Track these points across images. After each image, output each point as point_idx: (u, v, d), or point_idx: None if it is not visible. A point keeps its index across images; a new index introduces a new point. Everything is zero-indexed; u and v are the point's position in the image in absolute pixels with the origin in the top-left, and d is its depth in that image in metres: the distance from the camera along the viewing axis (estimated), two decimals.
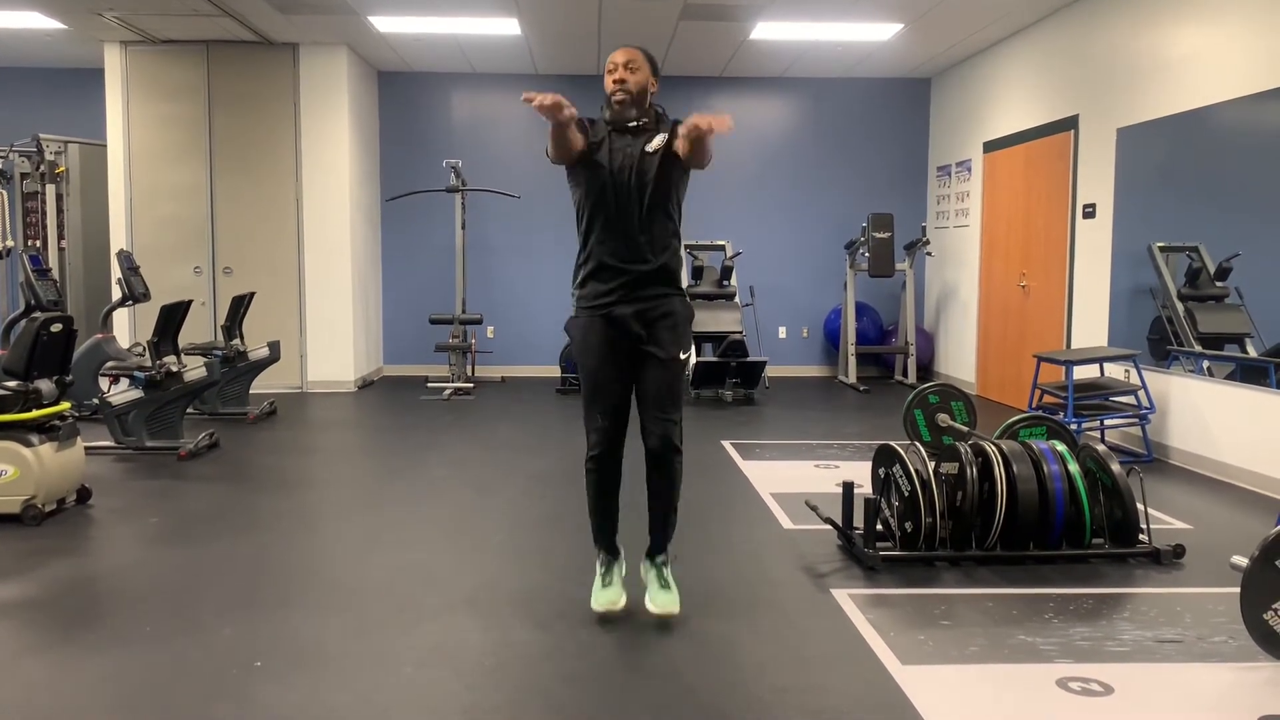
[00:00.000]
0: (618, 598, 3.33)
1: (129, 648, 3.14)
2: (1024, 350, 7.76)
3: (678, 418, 3.27)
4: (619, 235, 3.26)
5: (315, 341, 8.97)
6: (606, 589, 3.35)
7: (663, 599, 3.28)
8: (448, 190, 9.13)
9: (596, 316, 3.28)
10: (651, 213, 3.26)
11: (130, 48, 8.65)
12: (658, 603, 3.28)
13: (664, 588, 3.31)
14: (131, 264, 7.30)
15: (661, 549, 3.39)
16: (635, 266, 3.26)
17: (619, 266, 3.26)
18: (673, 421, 3.25)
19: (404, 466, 5.98)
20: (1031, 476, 3.95)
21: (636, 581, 3.47)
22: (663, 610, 3.26)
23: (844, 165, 10.17)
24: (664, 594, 3.29)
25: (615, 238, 3.26)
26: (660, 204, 3.28)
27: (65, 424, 4.75)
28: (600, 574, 3.40)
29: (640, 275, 3.27)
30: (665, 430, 3.24)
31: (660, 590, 3.31)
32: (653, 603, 3.29)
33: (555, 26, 8.06)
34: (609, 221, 3.26)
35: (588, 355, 3.31)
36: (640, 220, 3.25)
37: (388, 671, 2.95)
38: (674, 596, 3.29)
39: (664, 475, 3.29)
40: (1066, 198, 7.26)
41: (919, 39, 8.39)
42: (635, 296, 3.26)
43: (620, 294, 3.26)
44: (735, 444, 6.53)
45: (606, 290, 3.27)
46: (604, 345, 3.27)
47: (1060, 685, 2.85)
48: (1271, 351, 5.32)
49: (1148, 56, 6.28)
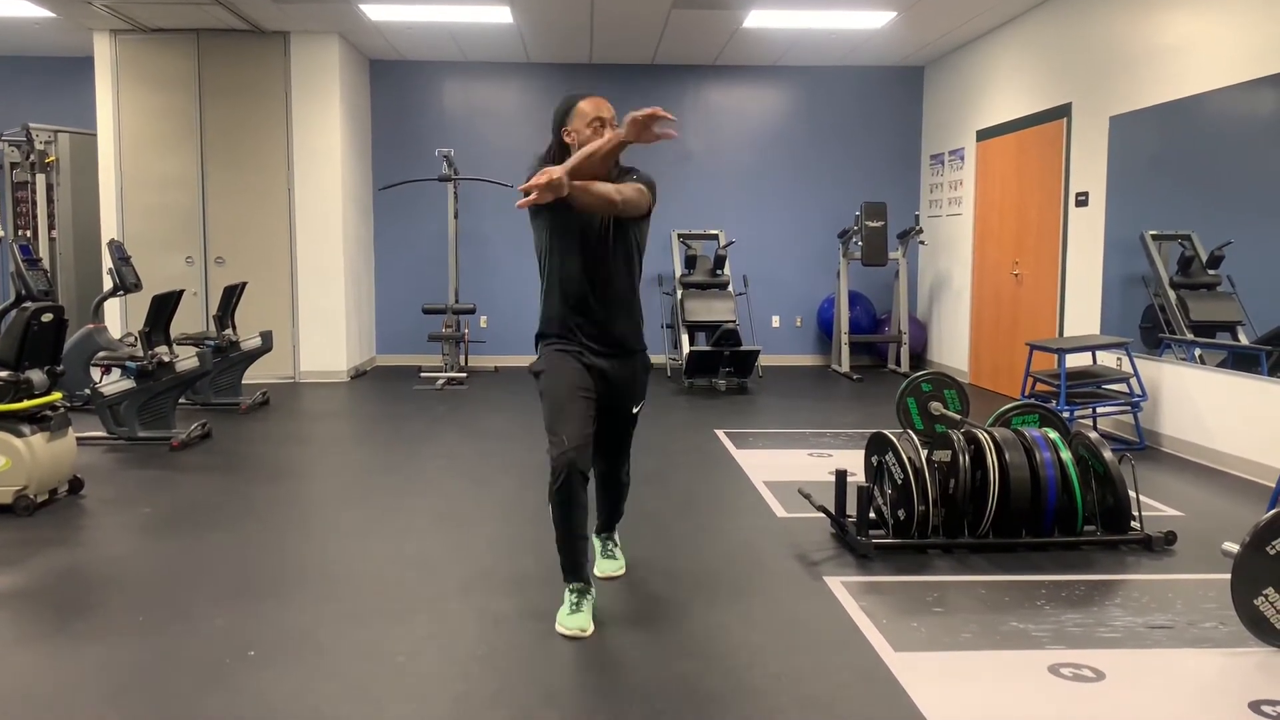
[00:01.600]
0: (587, 624, 3.14)
1: (122, 637, 3.13)
2: (1016, 338, 7.78)
3: (626, 463, 3.56)
4: (580, 287, 3.21)
5: (308, 331, 8.95)
6: (576, 614, 3.16)
7: (608, 565, 3.68)
8: (440, 179, 9.10)
9: (565, 356, 3.24)
10: (614, 265, 3.24)
11: (120, 36, 8.60)
12: (603, 568, 3.66)
13: (609, 558, 3.71)
14: (123, 254, 7.27)
15: (608, 528, 3.76)
16: (598, 319, 3.24)
17: (581, 319, 3.24)
18: (622, 463, 3.54)
19: (397, 457, 5.98)
20: (1024, 464, 3.96)
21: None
22: (604, 575, 3.63)
23: (837, 154, 10.16)
24: (608, 561, 3.70)
25: (580, 292, 3.22)
26: (624, 259, 3.26)
27: (57, 414, 4.74)
28: (570, 601, 3.20)
29: (602, 328, 3.25)
30: (615, 467, 3.53)
31: (604, 559, 3.70)
32: (596, 568, 3.63)
33: (547, 15, 8.03)
34: (570, 271, 3.21)
35: (556, 376, 3.19)
36: (604, 275, 3.22)
37: (380, 661, 2.95)
38: (616, 563, 3.69)
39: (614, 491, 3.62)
40: (1059, 186, 7.26)
41: (912, 27, 8.38)
42: (600, 351, 3.25)
43: (585, 344, 3.25)
44: (728, 433, 6.53)
45: (569, 340, 3.26)
46: (574, 370, 3.20)
47: (1052, 671, 2.87)
48: (1263, 339, 5.33)
49: (1140, 45, 6.27)
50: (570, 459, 3.03)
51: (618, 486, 3.59)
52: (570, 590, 3.21)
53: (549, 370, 3.23)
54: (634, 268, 3.32)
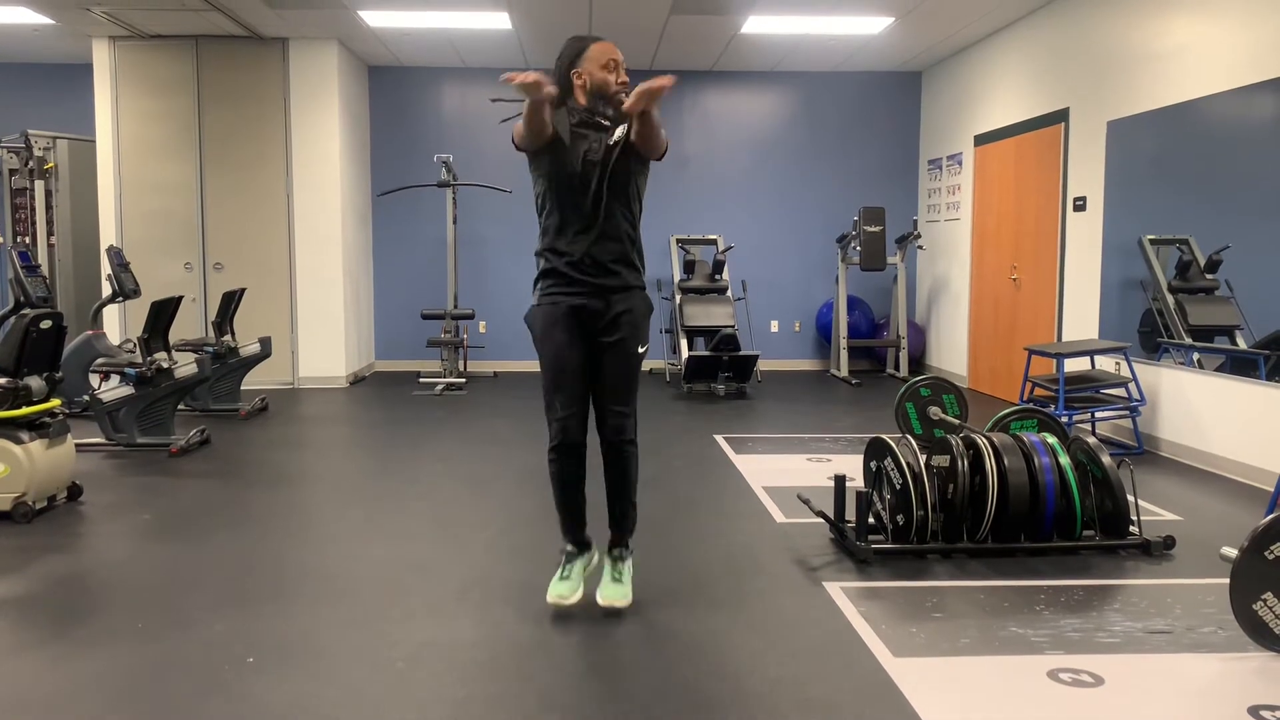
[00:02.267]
0: (569, 593, 3.30)
1: (121, 644, 3.13)
2: (1015, 343, 7.79)
3: (631, 410, 3.33)
4: (580, 227, 3.27)
5: (307, 337, 8.96)
6: (561, 582, 3.34)
7: (610, 592, 3.32)
8: (439, 185, 9.11)
9: (558, 306, 3.30)
10: (612, 205, 3.28)
11: (119, 43, 8.61)
12: (605, 595, 3.32)
13: (615, 581, 3.35)
14: (121, 260, 7.27)
15: (620, 542, 3.43)
16: (596, 259, 3.27)
17: (579, 258, 3.27)
18: (626, 414, 3.31)
19: (396, 462, 5.98)
20: (1022, 469, 3.97)
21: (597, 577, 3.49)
22: (608, 603, 3.29)
23: (835, 159, 10.17)
24: (613, 587, 3.33)
25: (576, 229, 3.28)
26: (620, 196, 3.30)
27: (55, 421, 4.74)
28: (561, 566, 3.39)
29: (600, 267, 3.28)
30: (619, 422, 3.29)
31: (611, 583, 3.35)
32: (601, 595, 3.32)
33: (546, 20, 8.04)
34: (570, 213, 3.28)
35: (548, 344, 3.31)
36: (601, 212, 3.26)
37: (379, 666, 2.95)
38: (623, 590, 3.33)
39: (618, 466, 3.33)
40: (1057, 191, 7.27)
41: (910, 32, 8.39)
42: (595, 288, 3.28)
43: (580, 286, 3.28)
44: (727, 438, 6.53)
45: (566, 281, 3.29)
46: (565, 334, 3.29)
47: (1051, 676, 2.87)
48: (1261, 344, 5.34)
49: (1138, 49, 6.29)
50: (564, 423, 3.27)
51: (623, 458, 3.31)
52: (562, 552, 3.42)
53: (541, 335, 3.33)
54: (633, 208, 3.35)
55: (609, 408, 3.30)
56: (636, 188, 3.36)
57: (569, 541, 3.43)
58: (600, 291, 3.29)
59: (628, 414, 3.31)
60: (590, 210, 3.26)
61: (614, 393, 3.29)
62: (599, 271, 3.29)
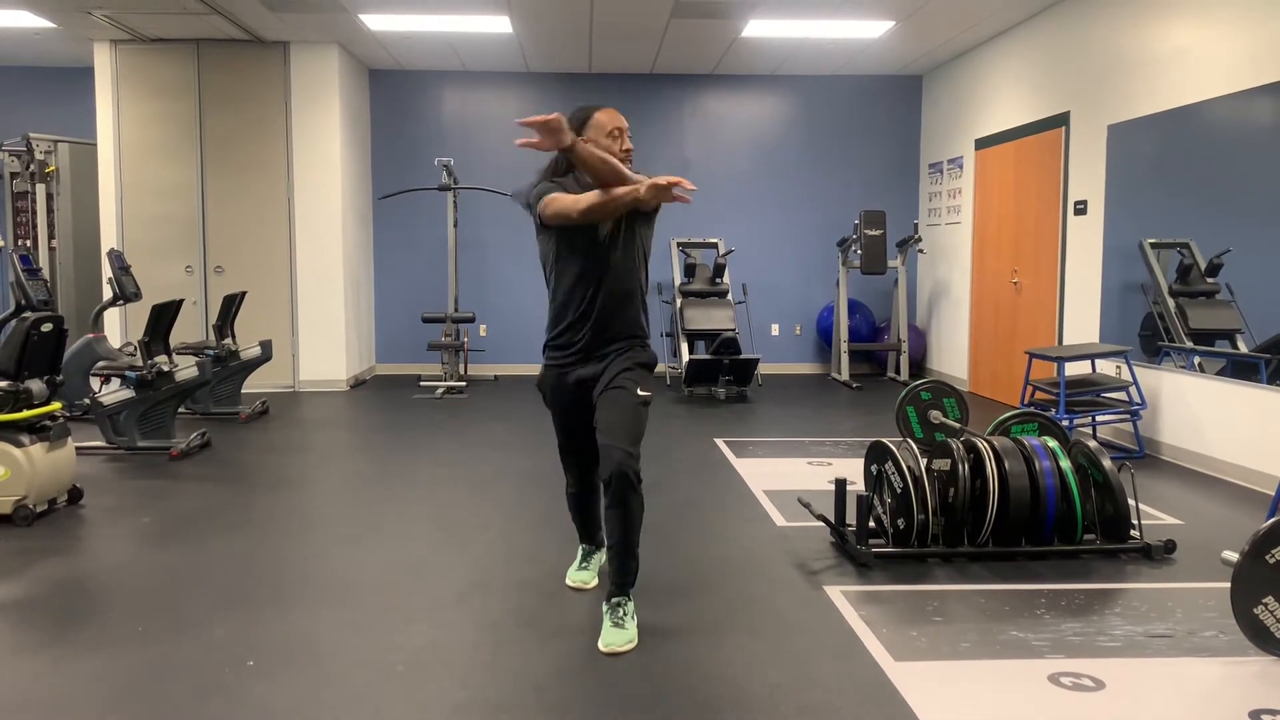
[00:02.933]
0: (590, 579, 3.69)
1: (121, 647, 3.13)
2: (1016, 346, 7.78)
3: (635, 452, 3.14)
4: (590, 294, 3.25)
5: (307, 340, 8.96)
6: (581, 570, 3.73)
7: (612, 638, 3.13)
8: (440, 188, 9.12)
9: (564, 377, 3.34)
10: (621, 273, 3.26)
11: (120, 46, 8.62)
12: (607, 642, 3.12)
13: (618, 627, 3.18)
14: (122, 263, 7.27)
15: (618, 594, 3.24)
16: (603, 325, 3.27)
17: (587, 326, 3.27)
18: (629, 454, 3.11)
19: (396, 466, 5.98)
20: (1023, 473, 3.96)
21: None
22: (609, 649, 3.10)
23: (836, 163, 10.18)
24: (616, 633, 3.15)
25: (586, 296, 3.26)
26: (630, 264, 3.28)
27: (56, 424, 4.74)
28: (580, 558, 3.78)
29: (607, 333, 3.28)
30: (619, 461, 3.09)
31: (612, 629, 3.17)
32: (603, 643, 3.13)
33: (547, 24, 8.05)
34: (580, 280, 3.25)
35: (556, 412, 3.46)
36: (610, 282, 3.25)
37: (380, 669, 2.95)
38: (627, 635, 3.15)
39: (618, 510, 3.13)
40: (1058, 194, 7.27)
41: (910, 36, 8.40)
42: (599, 355, 3.29)
43: (586, 352, 3.29)
44: (728, 441, 6.53)
45: (572, 348, 3.30)
46: (570, 406, 3.39)
47: (1052, 680, 2.86)
48: (1262, 347, 5.34)
49: (1138, 53, 6.29)
50: (576, 474, 3.57)
51: (624, 502, 3.11)
52: (581, 549, 3.79)
53: (551, 401, 3.46)
54: (640, 272, 3.34)
55: (609, 446, 3.13)
56: (644, 247, 3.35)
57: (585, 540, 3.77)
58: (606, 356, 3.29)
59: (630, 453, 3.11)
60: (605, 277, 3.24)
61: (612, 431, 3.14)
62: (607, 339, 3.28)
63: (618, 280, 3.26)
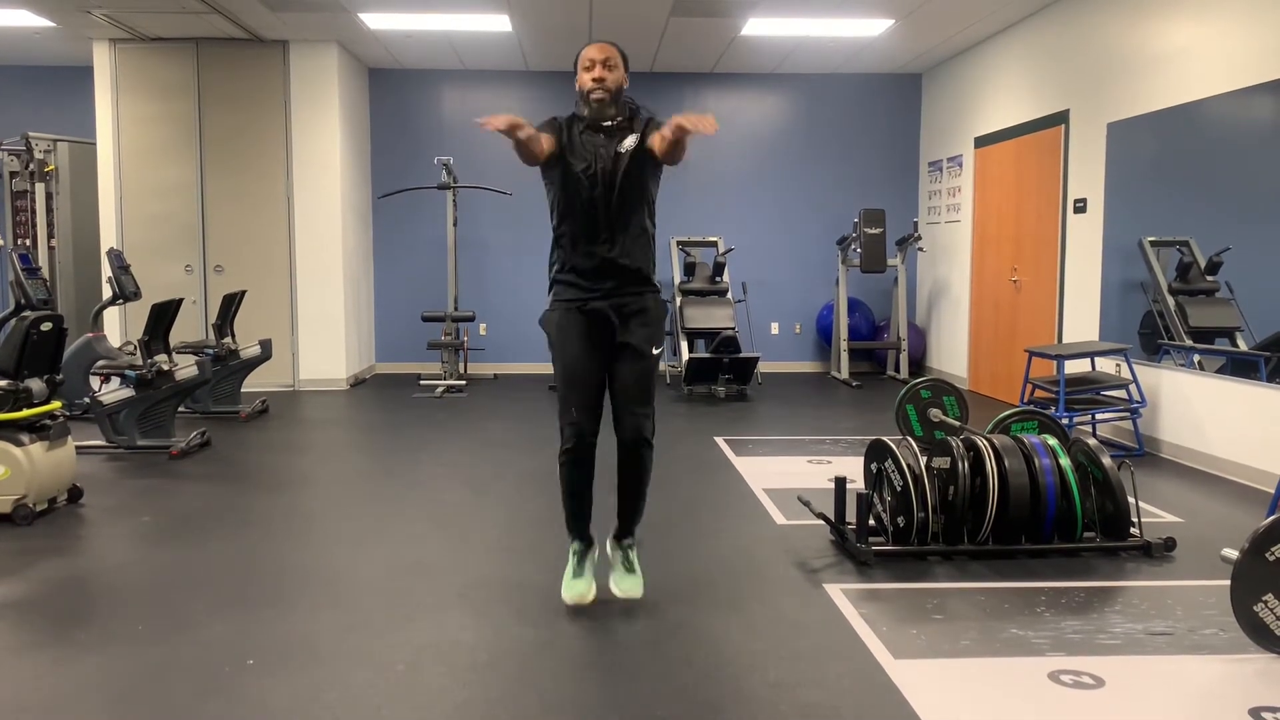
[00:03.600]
0: (587, 590, 3.40)
1: (121, 646, 3.13)
2: (1015, 345, 7.78)
3: (650, 412, 3.33)
4: (593, 234, 3.30)
5: (307, 339, 8.96)
6: (577, 580, 3.42)
7: (627, 583, 3.39)
8: (439, 187, 9.11)
9: (572, 310, 3.33)
10: (624, 211, 3.30)
11: (120, 45, 8.62)
12: (622, 587, 3.39)
13: (629, 571, 3.42)
14: (122, 262, 7.27)
15: (628, 533, 3.48)
16: (609, 264, 3.30)
17: (593, 265, 3.31)
18: (645, 416, 3.31)
19: (396, 465, 5.98)
20: (1023, 471, 3.96)
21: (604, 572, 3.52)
22: (626, 594, 3.36)
23: (836, 161, 10.17)
24: (629, 578, 3.40)
25: (589, 236, 3.31)
26: (633, 203, 3.32)
27: (56, 423, 4.74)
28: (573, 564, 3.46)
29: (614, 273, 3.31)
30: (638, 424, 3.29)
31: (625, 574, 3.41)
32: (617, 586, 3.39)
33: (546, 23, 8.05)
34: (582, 220, 3.31)
35: (564, 348, 3.34)
36: (613, 219, 3.29)
37: (380, 669, 2.95)
38: (638, 580, 3.40)
39: (634, 467, 3.36)
40: (1057, 192, 7.27)
41: (910, 35, 8.40)
42: (610, 293, 3.31)
43: (595, 291, 3.31)
44: (728, 440, 6.53)
45: (581, 286, 3.32)
46: (580, 338, 3.32)
47: (1052, 678, 2.86)
48: (1262, 345, 5.34)
49: (1137, 51, 6.29)
50: (578, 427, 3.28)
51: (639, 460, 3.32)
52: (572, 551, 3.48)
53: (556, 339, 3.36)
54: (645, 213, 3.37)
55: (627, 409, 3.30)
56: (650, 194, 3.38)
57: (576, 538, 3.48)
58: (614, 295, 3.31)
59: (646, 415, 3.31)
60: (603, 217, 3.29)
61: (631, 395, 3.30)
62: (613, 277, 3.31)
63: (618, 223, 3.30)
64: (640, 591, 3.39)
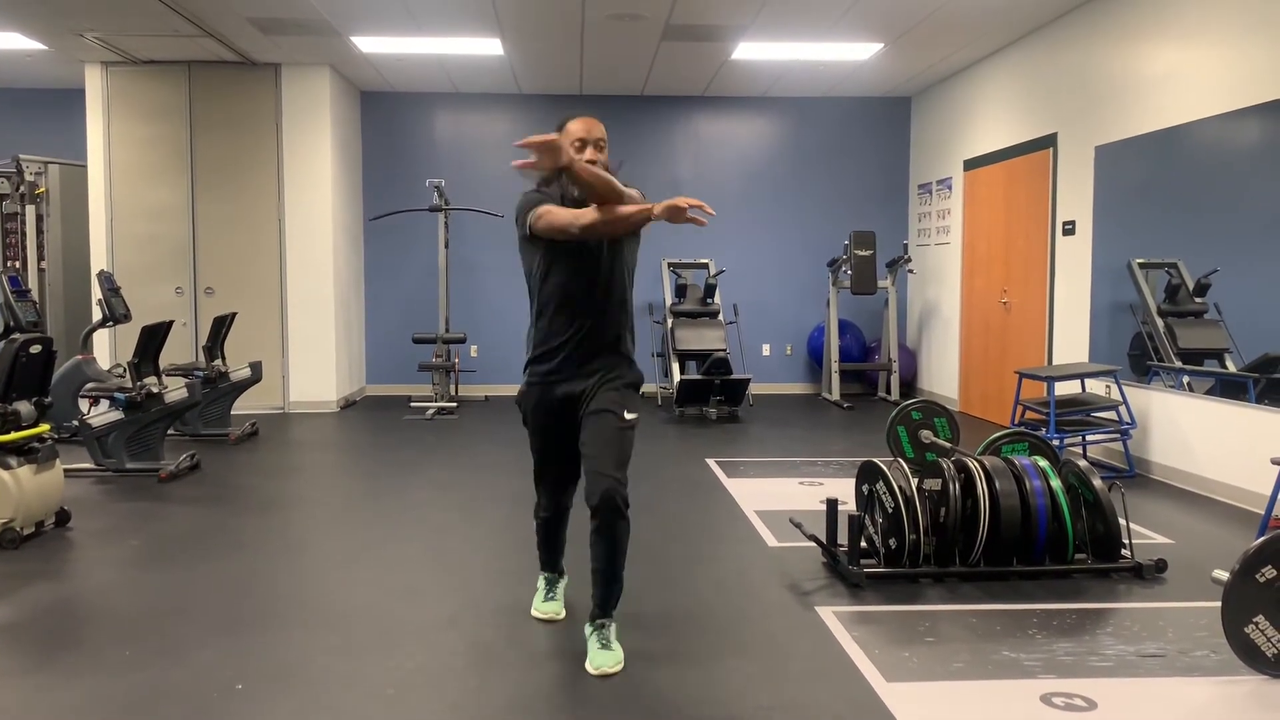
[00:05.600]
0: (560, 610, 3.58)
1: (109, 671, 3.10)
2: (1005, 366, 7.80)
3: (623, 478, 3.08)
4: (581, 309, 3.19)
5: (297, 362, 8.94)
6: (549, 601, 3.61)
7: (600, 659, 3.10)
8: (431, 209, 9.13)
9: (549, 393, 3.25)
10: (610, 287, 3.22)
11: (111, 68, 8.64)
12: (595, 663, 3.09)
13: (604, 648, 3.14)
14: (112, 284, 7.26)
15: (603, 615, 3.20)
16: (593, 341, 3.21)
17: (574, 340, 3.20)
18: (618, 480, 3.05)
19: (386, 487, 5.95)
20: (1014, 492, 3.97)
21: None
22: (599, 671, 3.07)
23: (826, 184, 10.23)
24: (603, 654, 3.12)
25: (576, 311, 3.19)
26: (619, 278, 3.24)
27: (44, 446, 4.71)
28: (542, 590, 3.64)
29: (596, 350, 3.22)
30: (608, 488, 3.03)
31: (599, 651, 3.13)
32: (592, 664, 3.10)
33: (538, 47, 8.09)
34: (572, 294, 3.19)
35: (536, 431, 3.37)
36: (602, 293, 3.20)
37: (370, 693, 2.93)
38: (614, 655, 3.12)
39: (605, 538, 3.08)
40: (1046, 215, 7.32)
41: (899, 59, 8.46)
42: (586, 371, 3.21)
43: (571, 369, 3.21)
44: (719, 461, 6.53)
45: (558, 363, 3.22)
46: (554, 422, 3.27)
47: (1044, 701, 2.86)
48: (1250, 367, 5.36)
49: (1125, 76, 6.35)
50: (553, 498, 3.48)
51: (611, 532, 3.07)
52: (543, 579, 3.66)
53: (530, 420, 3.38)
54: (628, 285, 3.30)
55: (595, 472, 3.07)
56: (632, 264, 3.31)
57: (547, 570, 3.66)
58: (591, 373, 3.21)
59: (619, 480, 3.06)
60: (590, 293, 3.19)
61: (600, 457, 3.08)
62: (595, 354, 3.21)
63: (608, 295, 3.22)
64: (612, 668, 3.07)
